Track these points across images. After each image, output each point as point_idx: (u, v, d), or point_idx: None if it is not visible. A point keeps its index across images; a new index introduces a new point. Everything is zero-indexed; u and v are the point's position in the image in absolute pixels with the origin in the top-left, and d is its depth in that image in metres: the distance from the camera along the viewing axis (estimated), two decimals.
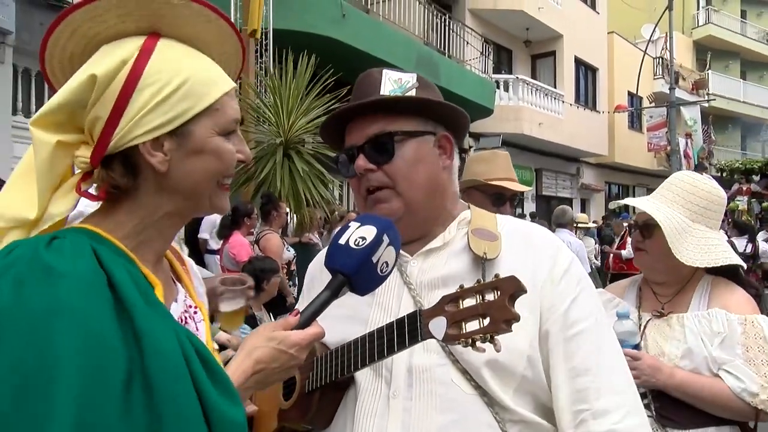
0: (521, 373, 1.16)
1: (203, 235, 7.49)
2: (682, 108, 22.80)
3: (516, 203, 3.08)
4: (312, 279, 1.46)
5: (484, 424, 1.14)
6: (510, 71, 19.38)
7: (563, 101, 19.69)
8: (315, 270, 1.45)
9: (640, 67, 20.86)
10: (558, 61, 20.48)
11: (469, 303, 0.99)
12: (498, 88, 17.00)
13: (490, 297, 0.97)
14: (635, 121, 24.91)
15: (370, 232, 1.09)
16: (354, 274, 1.08)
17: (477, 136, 16.20)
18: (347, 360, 1.15)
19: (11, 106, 7.52)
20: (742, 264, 1.99)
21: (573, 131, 19.59)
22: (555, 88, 19.76)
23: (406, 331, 1.06)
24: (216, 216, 5.71)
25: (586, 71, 22.10)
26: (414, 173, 1.28)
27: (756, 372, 1.75)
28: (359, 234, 1.10)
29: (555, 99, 19.45)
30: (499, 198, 2.80)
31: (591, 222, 15.00)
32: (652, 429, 1.78)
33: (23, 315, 0.80)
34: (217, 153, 1.01)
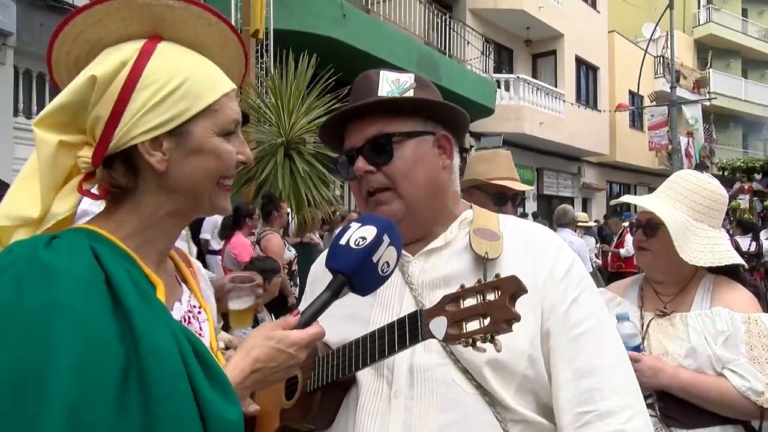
0: (522, 372, 1.16)
1: (205, 235, 7.50)
2: (684, 107, 22.79)
3: (518, 203, 3.08)
4: (314, 279, 1.46)
5: (485, 424, 1.13)
6: (511, 71, 19.38)
7: (564, 100, 19.69)
8: (317, 270, 1.45)
9: (641, 65, 20.84)
10: (559, 60, 20.47)
11: (469, 303, 0.99)
12: (499, 87, 17.01)
13: (490, 297, 0.97)
14: (636, 120, 24.89)
15: (370, 232, 1.09)
16: (354, 274, 1.08)
17: (478, 136, 16.20)
18: (348, 360, 1.15)
19: (12, 108, 7.53)
20: (743, 263, 1.99)
21: (574, 130, 19.58)
22: (556, 87, 19.75)
23: (407, 330, 1.05)
24: (217, 216, 5.73)
25: (587, 70, 22.09)
26: (414, 174, 1.27)
27: (760, 370, 1.74)
28: (360, 234, 1.10)
29: (556, 98, 19.44)
30: (501, 197, 2.80)
31: (592, 221, 15.00)
32: (656, 428, 1.78)
33: (22, 314, 0.82)
34: (215, 153, 1.02)
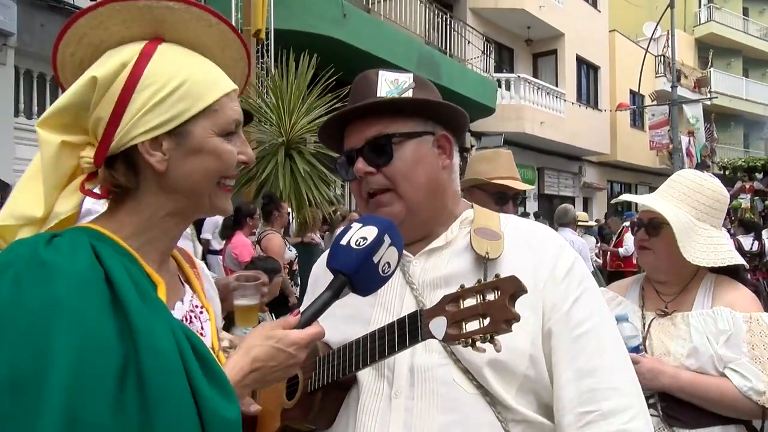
0: (523, 372, 1.16)
1: (205, 235, 7.51)
2: (685, 106, 22.76)
3: (519, 202, 3.08)
4: (316, 279, 1.46)
5: (486, 424, 1.13)
6: (511, 70, 19.38)
7: (565, 100, 19.68)
8: (319, 270, 1.45)
9: (642, 65, 20.82)
10: (559, 59, 20.46)
11: (469, 303, 0.99)
12: (499, 87, 17.00)
13: (490, 297, 0.97)
14: (637, 120, 24.87)
15: (371, 233, 1.09)
16: (354, 274, 1.08)
17: (479, 136, 16.19)
18: (348, 360, 1.15)
19: (13, 108, 7.54)
20: (744, 263, 1.98)
21: (575, 130, 19.57)
22: (557, 86, 19.74)
23: (407, 330, 1.05)
24: (218, 216, 5.73)
25: (587, 70, 22.08)
26: (414, 174, 1.27)
27: (762, 370, 1.74)
28: (360, 234, 1.10)
29: (557, 98, 19.43)
30: (502, 197, 2.80)
31: (593, 221, 14.99)
32: (659, 428, 1.78)
33: (21, 314, 0.82)
34: (215, 153, 1.03)
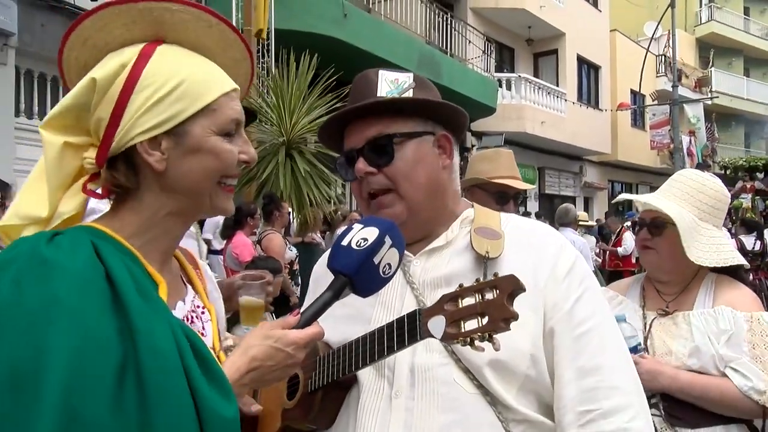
0: (524, 372, 1.16)
1: (206, 235, 7.49)
2: (685, 106, 22.74)
3: (520, 201, 3.08)
4: (317, 279, 1.46)
5: (487, 424, 1.13)
6: (512, 70, 19.37)
7: (566, 99, 19.67)
8: (320, 270, 1.44)
9: (643, 64, 20.79)
10: (560, 59, 20.46)
11: (468, 302, 0.99)
12: (500, 86, 17.00)
13: (488, 296, 0.97)
14: (638, 119, 24.85)
15: (372, 234, 1.09)
16: (355, 275, 1.08)
17: (479, 135, 16.19)
18: (349, 359, 1.15)
19: (14, 108, 7.54)
20: (745, 263, 1.98)
21: (576, 129, 19.57)
22: (557, 86, 19.74)
23: (406, 330, 1.05)
24: (219, 216, 5.73)
25: (588, 69, 22.07)
26: (414, 174, 1.27)
27: (762, 369, 1.74)
28: (361, 235, 1.10)
29: (557, 97, 19.42)
30: (503, 196, 2.80)
31: (593, 220, 14.99)
32: (661, 428, 1.78)
33: (21, 314, 0.83)
34: (214, 152, 1.03)
